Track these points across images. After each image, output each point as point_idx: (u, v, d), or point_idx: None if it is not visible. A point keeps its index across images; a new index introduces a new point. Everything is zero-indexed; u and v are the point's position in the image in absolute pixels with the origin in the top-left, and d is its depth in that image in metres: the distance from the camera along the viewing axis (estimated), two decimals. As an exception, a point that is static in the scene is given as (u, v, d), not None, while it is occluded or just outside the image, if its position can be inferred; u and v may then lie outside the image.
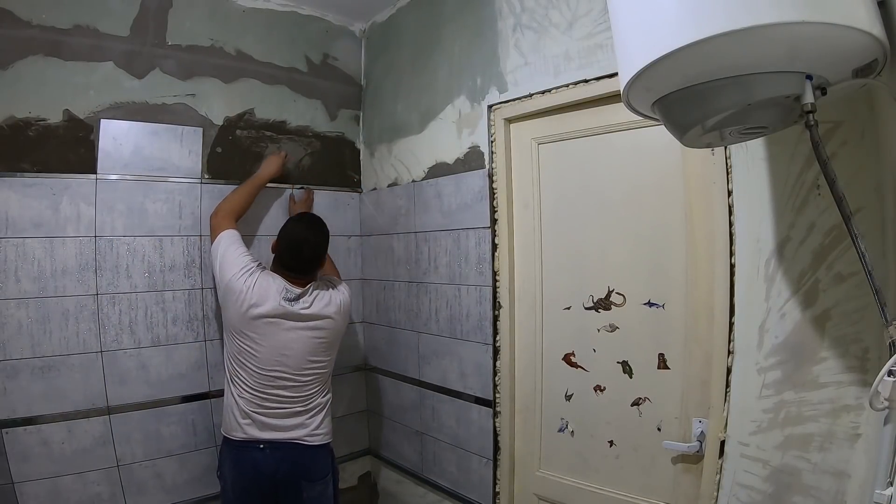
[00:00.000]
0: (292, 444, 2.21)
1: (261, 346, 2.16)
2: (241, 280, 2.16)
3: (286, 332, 2.18)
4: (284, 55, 2.82)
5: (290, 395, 2.21)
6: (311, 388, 2.26)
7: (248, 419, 2.18)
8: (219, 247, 2.25)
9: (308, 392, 2.25)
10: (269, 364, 2.16)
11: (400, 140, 2.84)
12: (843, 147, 1.33)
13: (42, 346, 2.14)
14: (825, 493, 1.40)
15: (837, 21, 0.84)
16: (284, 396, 2.20)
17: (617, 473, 2.01)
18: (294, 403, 2.22)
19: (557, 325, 2.18)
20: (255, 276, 2.18)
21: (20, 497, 2.08)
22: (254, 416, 2.18)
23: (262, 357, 2.16)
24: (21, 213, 2.10)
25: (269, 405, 2.19)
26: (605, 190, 2.01)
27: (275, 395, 2.19)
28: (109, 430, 2.27)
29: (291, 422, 2.21)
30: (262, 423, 2.18)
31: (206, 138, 2.54)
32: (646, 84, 1.05)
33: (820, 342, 1.41)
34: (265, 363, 2.16)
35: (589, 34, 1.94)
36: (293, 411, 2.22)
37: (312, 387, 2.26)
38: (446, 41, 2.54)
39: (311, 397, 2.26)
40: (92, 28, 2.24)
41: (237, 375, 2.19)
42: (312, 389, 2.26)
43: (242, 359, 2.18)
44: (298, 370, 2.20)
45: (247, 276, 2.17)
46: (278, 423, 2.20)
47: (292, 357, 2.19)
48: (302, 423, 2.23)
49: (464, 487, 2.52)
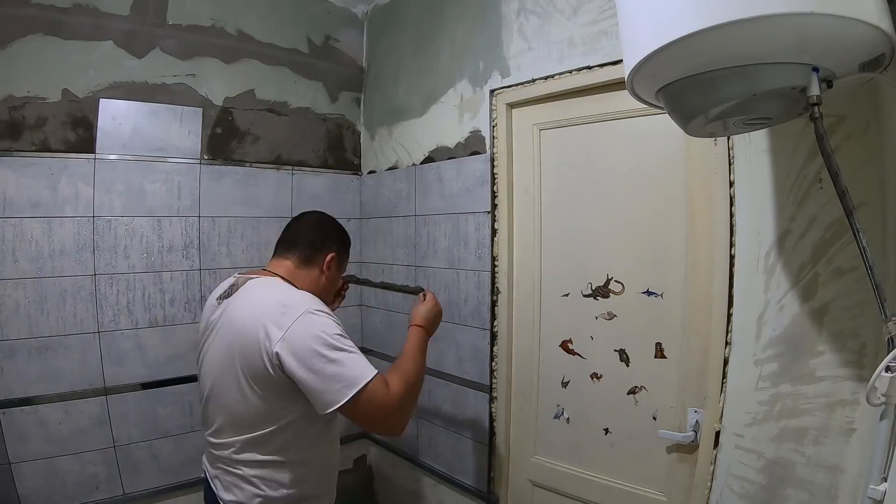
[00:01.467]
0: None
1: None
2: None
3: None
4: (286, 36, 2.79)
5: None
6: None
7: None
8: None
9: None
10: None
11: (401, 123, 2.82)
12: (846, 141, 1.32)
13: (39, 327, 2.14)
14: (818, 487, 1.40)
15: (846, 13, 0.83)
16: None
17: (612, 461, 2.02)
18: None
19: (555, 311, 2.18)
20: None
21: (17, 477, 2.10)
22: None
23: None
24: (19, 192, 2.10)
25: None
26: (607, 177, 2.00)
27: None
28: (106, 410, 2.27)
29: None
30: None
31: (205, 119, 2.53)
32: (651, 71, 1.04)
33: (818, 336, 1.41)
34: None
35: (594, 20, 1.92)
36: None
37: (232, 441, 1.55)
38: (449, 24, 2.51)
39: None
40: (92, 7, 2.22)
41: None
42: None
43: None
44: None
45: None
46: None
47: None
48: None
49: (459, 472, 2.53)
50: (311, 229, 1.73)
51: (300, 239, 1.71)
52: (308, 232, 1.72)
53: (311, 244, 1.69)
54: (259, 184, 2.68)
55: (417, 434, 2.77)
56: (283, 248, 1.71)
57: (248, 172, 2.66)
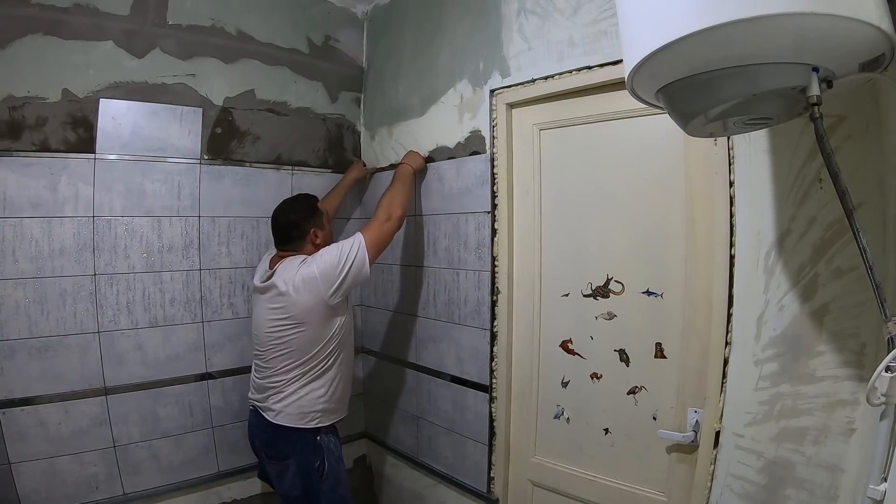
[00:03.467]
0: (259, 414, 2.27)
1: (252, 318, 2.38)
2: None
3: (257, 305, 2.30)
4: (286, 36, 2.79)
5: (262, 366, 2.27)
6: (275, 365, 2.20)
7: (251, 380, 2.37)
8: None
9: (273, 369, 2.21)
10: (253, 336, 2.34)
11: (401, 123, 2.82)
12: (846, 141, 1.32)
13: (39, 327, 2.14)
14: (818, 487, 1.40)
15: (846, 14, 0.82)
16: (259, 366, 2.30)
17: (611, 461, 2.02)
18: (263, 378, 2.26)
19: (555, 311, 2.18)
20: (262, 260, 2.45)
21: (17, 478, 2.10)
22: (251, 378, 2.37)
23: (252, 328, 2.35)
24: (19, 192, 2.09)
25: (255, 370, 2.34)
26: (607, 177, 2.00)
27: (256, 365, 2.33)
28: (106, 410, 2.27)
29: (262, 392, 2.26)
30: (252, 384, 2.36)
31: (205, 119, 2.52)
32: (651, 71, 1.04)
33: (818, 336, 1.41)
34: (253, 334, 2.34)
35: (594, 20, 1.91)
36: (263, 385, 2.25)
37: (277, 364, 2.20)
38: (449, 24, 2.51)
39: (274, 375, 2.21)
40: (92, 7, 2.21)
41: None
42: (278, 366, 2.20)
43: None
44: (263, 345, 2.22)
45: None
46: (257, 387, 2.30)
47: (259, 329, 2.25)
48: (267, 396, 2.23)
49: (459, 472, 2.53)
50: (285, 231, 2.29)
51: (287, 240, 2.29)
52: (287, 233, 2.29)
53: (297, 239, 2.29)
54: (259, 184, 2.68)
55: (417, 434, 2.77)
56: (282, 247, 2.31)
57: (248, 172, 2.66)
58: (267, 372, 2.23)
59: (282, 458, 2.23)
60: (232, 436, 2.62)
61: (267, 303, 2.19)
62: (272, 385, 2.21)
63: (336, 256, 2.14)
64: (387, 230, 2.26)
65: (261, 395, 2.26)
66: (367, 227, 2.26)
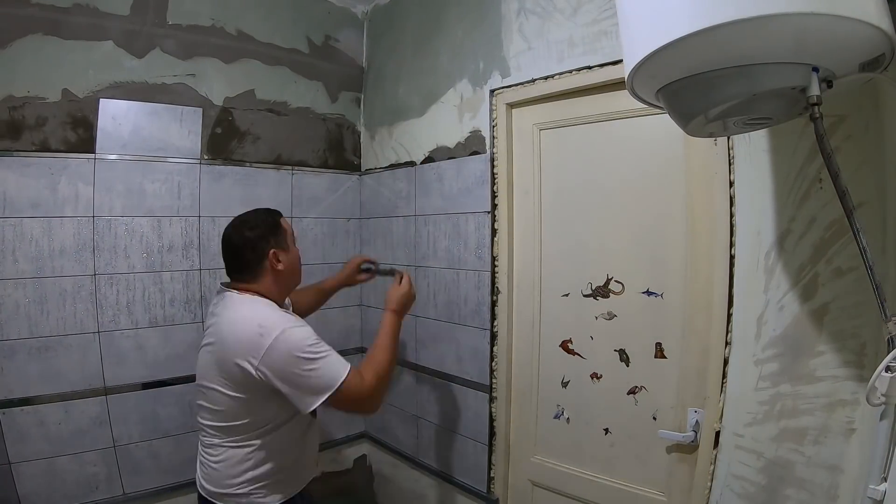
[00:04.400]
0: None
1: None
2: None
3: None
4: (286, 36, 2.79)
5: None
6: (208, 425, 1.79)
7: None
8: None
9: (213, 433, 1.79)
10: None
11: (401, 123, 2.82)
12: (846, 141, 1.32)
13: (39, 327, 2.14)
14: (818, 487, 1.40)
15: (846, 14, 0.82)
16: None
17: (611, 461, 2.02)
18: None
19: (555, 311, 2.18)
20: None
21: (17, 477, 2.10)
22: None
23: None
24: (19, 192, 2.09)
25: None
26: (607, 177, 2.00)
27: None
28: (106, 410, 2.27)
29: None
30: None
31: (205, 119, 2.52)
32: (651, 71, 1.04)
33: (817, 336, 1.41)
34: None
35: (594, 20, 1.91)
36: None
37: (209, 426, 1.78)
38: (449, 24, 2.51)
39: (213, 436, 1.79)
40: (92, 7, 2.21)
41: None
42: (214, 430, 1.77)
43: None
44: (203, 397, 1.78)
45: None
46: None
47: (200, 375, 1.81)
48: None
49: (459, 472, 2.53)
50: (238, 253, 1.75)
51: (238, 266, 1.76)
52: (238, 257, 1.75)
53: (248, 265, 1.74)
54: (259, 184, 2.68)
55: (417, 434, 2.77)
56: (235, 276, 1.78)
57: (248, 172, 2.66)
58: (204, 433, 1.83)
59: None
60: (232, 436, 2.61)
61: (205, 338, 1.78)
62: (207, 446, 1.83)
63: (247, 334, 1.58)
64: (362, 395, 1.63)
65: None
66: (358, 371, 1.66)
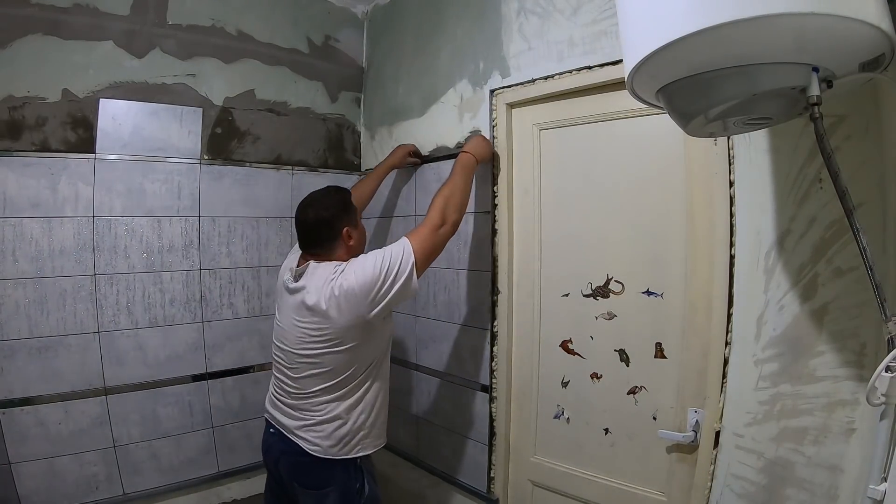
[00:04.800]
0: (287, 440, 1.95)
1: (276, 318, 2.06)
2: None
3: (284, 308, 1.99)
4: (286, 36, 2.79)
5: (288, 383, 1.95)
6: (307, 386, 1.90)
7: (270, 394, 2.07)
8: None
9: (305, 391, 1.91)
10: (276, 344, 2.02)
11: (401, 123, 2.82)
12: (846, 141, 1.32)
13: (39, 327, 2.14)
14: (818, 487, 1.40)
15: (847, 14, 0.83)
16: (284, 385, 1.97)
17: (611, 461, 2.02)
18: (290, 396, 1.95)
19: (555, 311, 2.17)
20: (290, 252, 2.20)
21: (17, 478, 2.10)
22: (271, 393, 2.06)
23: (275, 329, 2.04)
24: (19, 192, 2.10)
25: (277, 386, 2.02)
26: (606, 177, 2.00)
27: (280, 382, 2.00)
28: (106, 410, 2.27)
29: (292, 417, 1.95)
30: (273, 402, 2.03)
31: (205, 119, 2.53)
32: (651, 71, 1.04)
33: (818, 336, 1.41)
34: (274, 336, 2.03)
35: (594, 20, 1.91)
36: (291, 404, 1.95)
37: (309, 386, 1.90)
38: (449, 24, 2.51)
39: (306, 398, 1.91)
40: (92, 7, 2.22)
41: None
42: (310, 388, 1.90)
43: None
44: (291, 361, 1.93)
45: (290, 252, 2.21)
46: (284, 410, 1.98)
47: (287, 342, 1.93)
48: (301, 425, 1.92)
49: (459, 472, 2.53)
50: (315, 231, 1.93)
51: (316, 241, 1.94)
52: (316, 233, 1.93)
53: (327, 241, 1.93)
54: (259, 184, 2.68)
55: (417, 434, 2.77)
56: (310, 250, 1.96)
57: (248, 172, 2.66)
58: (297, 393, 1.93)
59: (321, 487, 1.93)
60: (232, 436, 2.62)
61: (294, 314, 1.90)
62: (305, 410, 1.92)
63: (379, 267, 1.80)
64: (440, 237, 1.93)
65: (291, 421, 1.94)
66: (417, 231, 1.93)
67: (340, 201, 1.98)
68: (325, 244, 1.92)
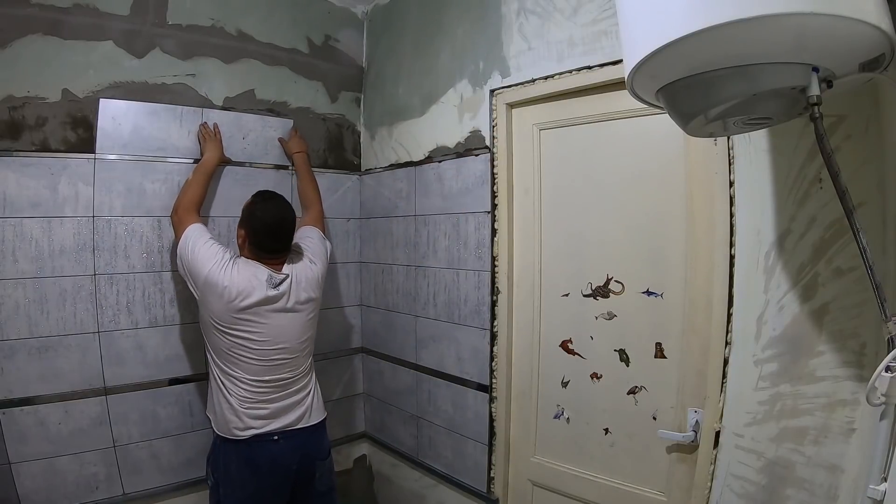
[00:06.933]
0: (300, 430, 2.20)
1: (257, 335, 2.09)
2: (220, 273, 2.06)
3: (279, 315, 2.14)
4: (286, 36, 2.79)
5: (290, 376, 2.20)
6: (304, 366, 2.28)
7: (254, 413, 2.11)
8: (187, 243, 2.13)
9: (302, 371, 2.26)
10: (269, 351, 2.11)
11: (401, 123, 2.82)
12: (846, 141, 1.33)
13: (39, 327, 2.14)
14: (818, 487, 1.40)
15: (846, 14, 0.83)
16: (285, 379, 2.18)
17: (611, 461, 2.02)
18: (293, 384, 2.21)
19: (555, 311, 2.18)
20: (234, 267, 2.09)
21: (17, 478, 2.09)
22: (259, 409, 2.12)
23: (260, 346, 2.10)
24: (19, 192, 2.09)
25: (272, 393, 2.14)
26: (607, 177, 2.00)
27: (276, 381, 2.15)
28: (106, 410, 2.27)
29: (293, 403, 2.20)
30: (270, 412, 2.14)
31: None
32: (651, 71, 1.04)
33: (817, 336, 1.41)
34: (264, 352, 2.10)
35: (594, 20, 1.92)
36: (292, 392, 2.21)
37: (305, 364, 2.29)
38: (449, 24, 2.51)
39: (304, 375, 2.28)
40: (92, 7, 2.21)
41: (231, 372, 2.10)
42: (304, 366, 2.28)
43: (237, 353, 2.08)
44: (294, 352, 2.20)
45: (226, 268, 2.07)
46: (283, 408, 2.17)
47: (290, 339, 2.18)
48: (300, 401, 2.22)
49: (459, 472, 2.53)
50: (292, 230, 2.27)
51: (289, 241, 2.26)
52: (291, 232, 2.26)
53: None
54: (259, 184, 2.67)
55: (417, 434, 2.78)
56: (281, 254, 2.25)
57: (249, 172, 2.66)
58: (297, 377, 2.24)
59: (329, 450, 2.35)
60: (232, 436, 2.61)
61: (298, 313, 2.21)
62: (304, 388, 2.27)
63: (325, 255, 2.41)
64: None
65: (294, 412, 2.21)
66: (317, 220, 2.60)
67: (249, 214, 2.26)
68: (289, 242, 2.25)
